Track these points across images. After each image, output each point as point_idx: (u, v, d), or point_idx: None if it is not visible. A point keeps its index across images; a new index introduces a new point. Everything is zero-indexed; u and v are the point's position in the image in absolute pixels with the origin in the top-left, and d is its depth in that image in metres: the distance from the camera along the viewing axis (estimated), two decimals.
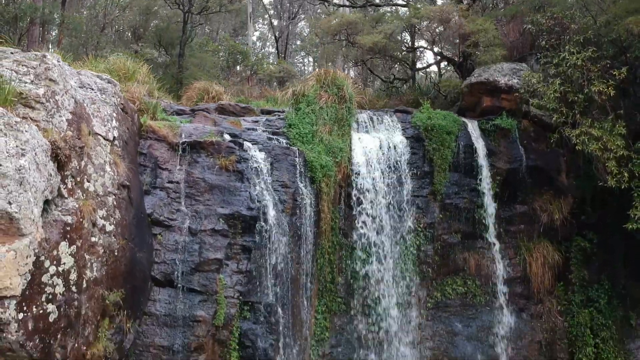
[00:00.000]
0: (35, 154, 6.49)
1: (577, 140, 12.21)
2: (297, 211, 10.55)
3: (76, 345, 7.26)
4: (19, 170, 6.23)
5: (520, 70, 13.84)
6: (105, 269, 7.76)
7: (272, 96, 15.07)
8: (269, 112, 12.59)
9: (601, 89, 11.72)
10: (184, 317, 9.14)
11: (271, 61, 31.96)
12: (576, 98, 12.20)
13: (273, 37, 34.13)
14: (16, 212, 6.18)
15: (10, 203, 6.16)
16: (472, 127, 13.08)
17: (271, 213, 9.99)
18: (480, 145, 13.03)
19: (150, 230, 9.25)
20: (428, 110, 12.85)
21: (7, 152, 6.20)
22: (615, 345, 13.71)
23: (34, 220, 6.43)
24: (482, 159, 13.04)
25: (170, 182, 9.77)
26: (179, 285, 9.24)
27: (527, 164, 13.57)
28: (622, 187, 12.09)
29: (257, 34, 40.54)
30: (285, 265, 10.11)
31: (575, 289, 13.92)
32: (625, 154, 11.93)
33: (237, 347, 9.54)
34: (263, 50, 38.55)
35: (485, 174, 13.11)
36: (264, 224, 9.90)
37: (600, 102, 12.06)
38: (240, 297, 9.61)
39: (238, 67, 25.72)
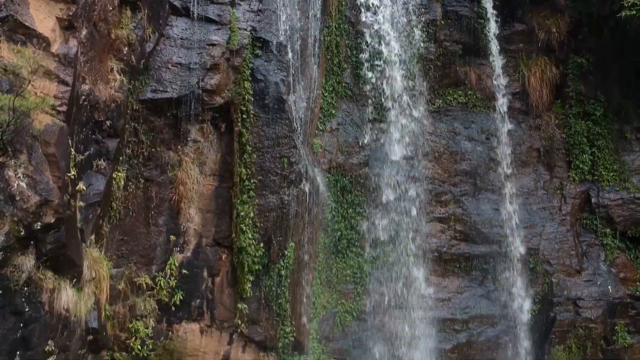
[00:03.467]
0: None
1: None
2: None
3: None
4: None
5: None
6: None
7: None
8: None
9: None
10: (199, 41, 9.73)
11: None
12: None
13: None
14: None
15: None
16: None
17: None
18: None
19: None
20: None
21: None
22: (611, 155, 14.22)
23: None
24: None
25: None
26: (195, 13, 9.79)
27: None
28: None
29: None
30: (295, 18, 10.63)
31: (572, 103, 14.41)
32: None
33: (250, 78, 10.11)
34: None
35: None
36: None
37: None
38: (253, 32, 10.18)
39: None
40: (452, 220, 13.04)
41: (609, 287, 13.52)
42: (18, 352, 7.49)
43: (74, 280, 8.17)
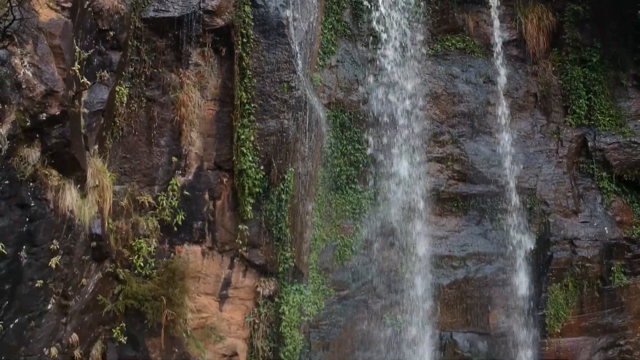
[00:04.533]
0: None
1: None
2: None
3: None
4: None
5: None
6: None
7: None
8: None
9: None
10: None
11: None
12: None
13: None
14: None
15: None
16: None
17: None
18: None
19: None
20: None
21: None
22: (607, 100, 14.36)
23: None
24: None
25: None
26: None
27: None
28: None
29: None
30: None
31: (568, 50, 14.52)
32: None
33: (250, 2, 10.31)
34: None
35: None
36: None
37: None
38: None
39: None
40: (450, 160, 13.21)
41: (606, 228, 13.69)
42: (24, 247, 7.68)
43: (78, 185, 8.35)
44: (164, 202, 9.97)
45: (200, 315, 10.57)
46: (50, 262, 7.97)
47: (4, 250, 7.32)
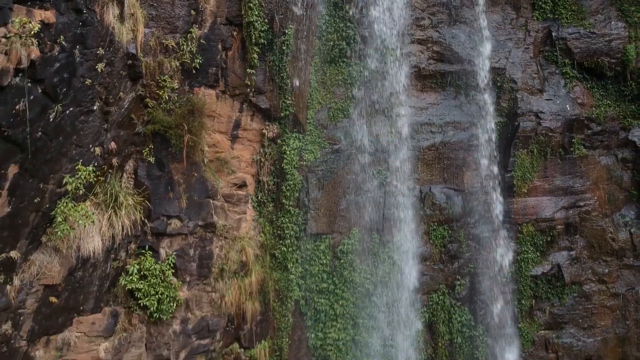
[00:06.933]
0: None
1: None
2: None
3: None
4: None
5: None
6: None
7: None
8: None
9: None
10: None
11: None
12: None
13: None
14: None
15: None
16: None
17: None
18: None
19: None
20: None
21: None
22: None
23: None
24: None
25: None
26: None
27: None
28: None
29: None
30: None
31: None
32: None
33: None
34: None
35: None
36: None
37: None
38: None
39: None
40: (430, 42, 15.09)
41: (567, 106, 15.63)
42: (78, 47, 9.58)
43: (118, 12, 10.24)
44: (185, 47, 11.84)
45: (215, 149, 12.48)
46: (97, 66, 9.88)
47: (64, 43, 9.23)
